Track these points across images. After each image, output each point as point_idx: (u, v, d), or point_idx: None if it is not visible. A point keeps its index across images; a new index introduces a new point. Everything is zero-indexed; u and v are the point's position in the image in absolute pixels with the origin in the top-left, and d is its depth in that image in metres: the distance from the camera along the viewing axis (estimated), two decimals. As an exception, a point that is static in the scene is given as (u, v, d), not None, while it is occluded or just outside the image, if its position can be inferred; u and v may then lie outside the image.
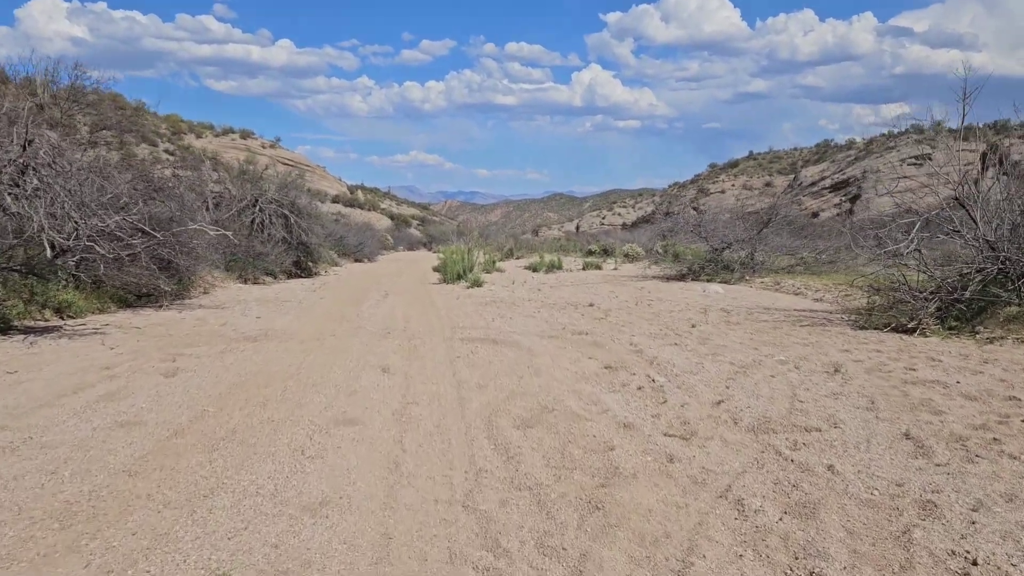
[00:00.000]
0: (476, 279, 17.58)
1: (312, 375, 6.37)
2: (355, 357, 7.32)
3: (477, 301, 13.63)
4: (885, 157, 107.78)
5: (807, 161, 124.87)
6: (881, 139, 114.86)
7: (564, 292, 15.85)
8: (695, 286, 17.52)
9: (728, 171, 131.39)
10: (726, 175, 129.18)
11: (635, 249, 34.73)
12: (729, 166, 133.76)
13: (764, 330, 9.25)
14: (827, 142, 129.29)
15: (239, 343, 8.36)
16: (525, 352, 7.56)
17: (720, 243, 20.64)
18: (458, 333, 9.14)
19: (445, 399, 5.51)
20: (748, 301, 13.47)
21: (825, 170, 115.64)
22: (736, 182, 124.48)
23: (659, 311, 11.63)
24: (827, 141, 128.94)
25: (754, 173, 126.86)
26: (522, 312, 11.59)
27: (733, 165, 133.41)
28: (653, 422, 4.72)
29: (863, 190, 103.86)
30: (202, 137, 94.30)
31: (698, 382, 5.94)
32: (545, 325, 9.86)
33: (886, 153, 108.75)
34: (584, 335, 8.75)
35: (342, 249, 36.03)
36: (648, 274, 22.31)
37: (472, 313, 11.50)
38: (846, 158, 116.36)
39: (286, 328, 9.77)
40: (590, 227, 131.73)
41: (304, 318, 11.01)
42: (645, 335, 8.75)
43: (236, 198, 22.37)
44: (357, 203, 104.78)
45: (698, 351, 7.52)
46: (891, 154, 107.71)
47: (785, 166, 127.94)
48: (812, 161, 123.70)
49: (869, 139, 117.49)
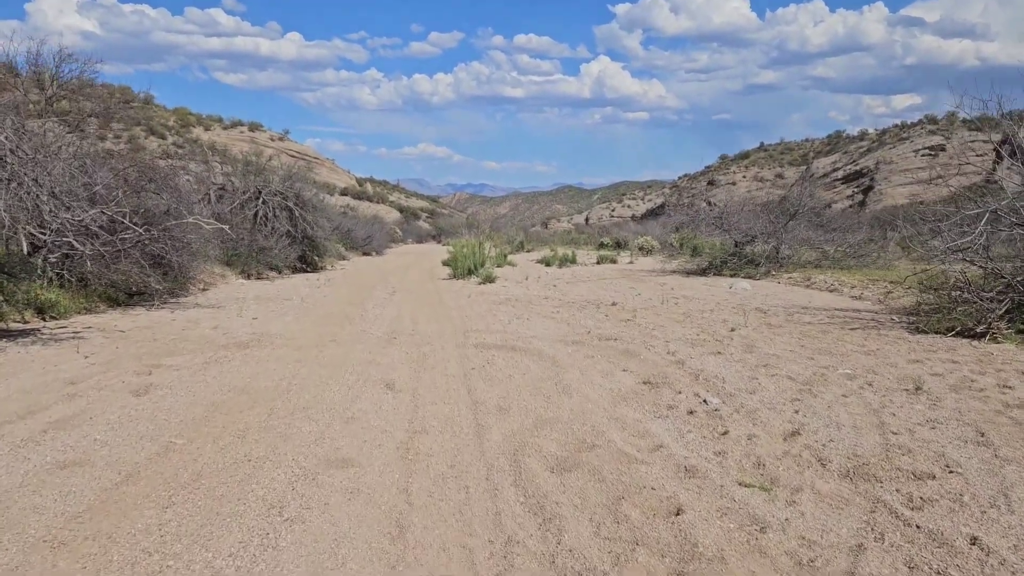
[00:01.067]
0: (488, 275, 16.67)
1: (304, 394, 5.47)
2: (356, 369, 6.42)
3: (490, 299, 12.72)
4: (899, 148, 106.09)
5: (819, 152, 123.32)
6: (894, 130, 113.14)
7: (582, 289, 14.91)
8: (720, 282, 16.54)
9: (739, 162, 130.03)
10: (737, 166, 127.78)
11: (650, 242, 33.74)
12: (740, 157, 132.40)
13: (812, 334, 8.30)
14: (839, 133, 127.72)
15: (228, 351, 7.49)
16: (549, 362, 6.64)
17: (743, 236, 19.64)
18: (471, 338, 8.23)
19: (460, 426, 4.60)
20: (782, 299, 12.50)
21: (837, 161, 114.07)
22: (747, 173, 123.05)
23: (689, 311, 10.68)
24: (839, 132, 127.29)
25: (765, 164, 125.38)
26: (540, 312, 10.66)
27: (744, 156, 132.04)
28: (720, 464, 3.79)
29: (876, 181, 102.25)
30: (210, 130, 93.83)
31: (758, 404, 5.01)
32: (567, 328, 8.93)
33: (899, 144, 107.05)
34: (613, 341, 7.82)
35: (350, 243, 35.18)
36: (667, 268, 21.33)
37: (486, 314, 10.59)
38: (858, 149, 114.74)
39: (283, 332, 8.89)
40: (599, 219, 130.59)
41: (304, 320, 10.13)
42: (681, 341, 7.81)
43: (239, 190, 21.54)
44: (366, 196, 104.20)
45: (746, 362, 6.58)
46: (904, 145, 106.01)
47: (797, 157, 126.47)
48: (824, 152, 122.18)
49: (882, 130, 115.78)
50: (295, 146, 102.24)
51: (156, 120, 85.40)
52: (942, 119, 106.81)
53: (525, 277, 18.14)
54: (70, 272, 10.81)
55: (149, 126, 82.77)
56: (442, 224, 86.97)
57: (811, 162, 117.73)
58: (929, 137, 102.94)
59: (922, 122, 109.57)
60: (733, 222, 20.15)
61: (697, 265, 20.75)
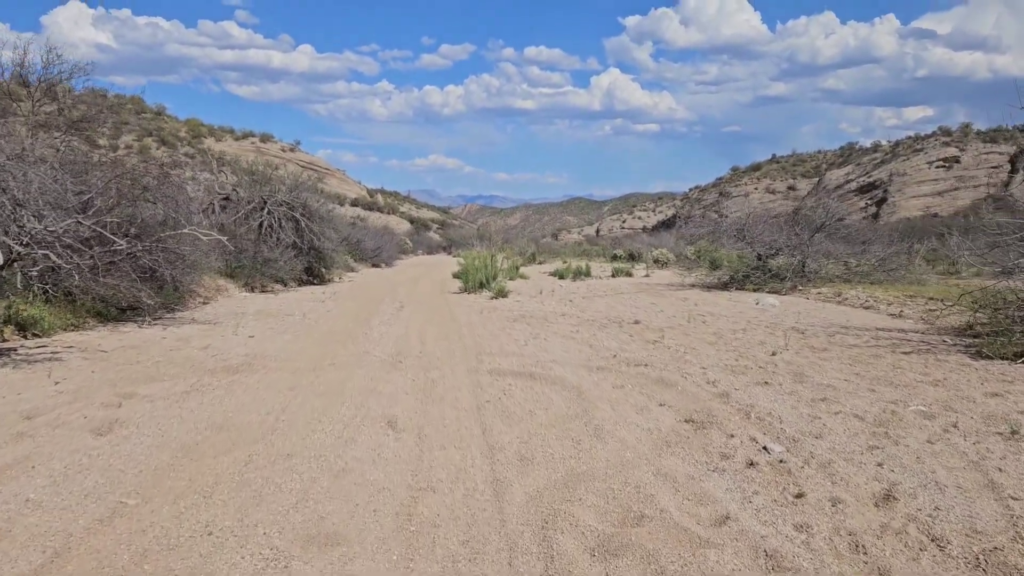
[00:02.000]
0: (501, 289, 15.88)
1: (292, 434, 4.68)
2: (354, 400, 5.63)
3: (504, 316, 11.92)
4: (912, 160, 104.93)
5: (831, 164, 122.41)
6: (908, 141, 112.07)
7: (600, 304, 14.09)
8: (744, 297, 15.69)
9: (751, 174, 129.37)
10: (748, 178, 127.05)
11: (666, 254, 32.92)
12: (752, 169, 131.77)
13: (863, 359, 7.45)
14: (851, 145, 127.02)
15: (215, 376, 6.72)
16: (573, 394, 5.84)
17: (767, 249, 18.78)
18: (485, 362, 7.43)
19: (474, 481, 3.81)
20: (816, 317, 11.63)
21: (850, 173, 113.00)
22: (759, 185, 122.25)
23: (719, 331, 9.85)
24: (851, 144, 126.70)
25: (777, 176, 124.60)
26: (558, 331, 9.86)
27: (756, 168, 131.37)
28: (807, 545, 2.97)
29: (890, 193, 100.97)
30: (222, 141, 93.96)
31: (830, 452, 4.18)
32: (589, 350, 8.12)
33: (913, 156, 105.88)
34: (643, 367, 7.00)
35: (359, 254, 34.50)
36: (686, 282, 20.48)
37: (499, 332, 9.80)
38: (872, 161, 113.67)
39: (279, 352, 8.12)
40: (610, 231, 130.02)
41: (303, 338, 9.37)
42: (719, 367, 6.98)
43: (244, 200, 20.91)
44: (376, 207, 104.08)
45: (800, 395, 5.74)
46: (918, 157, 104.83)
47: (809, 169, 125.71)
48: (836, 164, 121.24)
49: (895, 142, 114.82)
50: (306, 157, 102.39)
51: (168, 131, 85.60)
52: (956, 131, 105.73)
53: (539, 291, 17.34)
54: (55, 286, 10.13)
55: (161, 136, 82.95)
56: (453, 235, 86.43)
57: (824, 174, 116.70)
58: (943, 149, 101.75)
59: (936, 134, 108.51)
60: (755, 234, 19.29)
61: (717, 279, 19.90)
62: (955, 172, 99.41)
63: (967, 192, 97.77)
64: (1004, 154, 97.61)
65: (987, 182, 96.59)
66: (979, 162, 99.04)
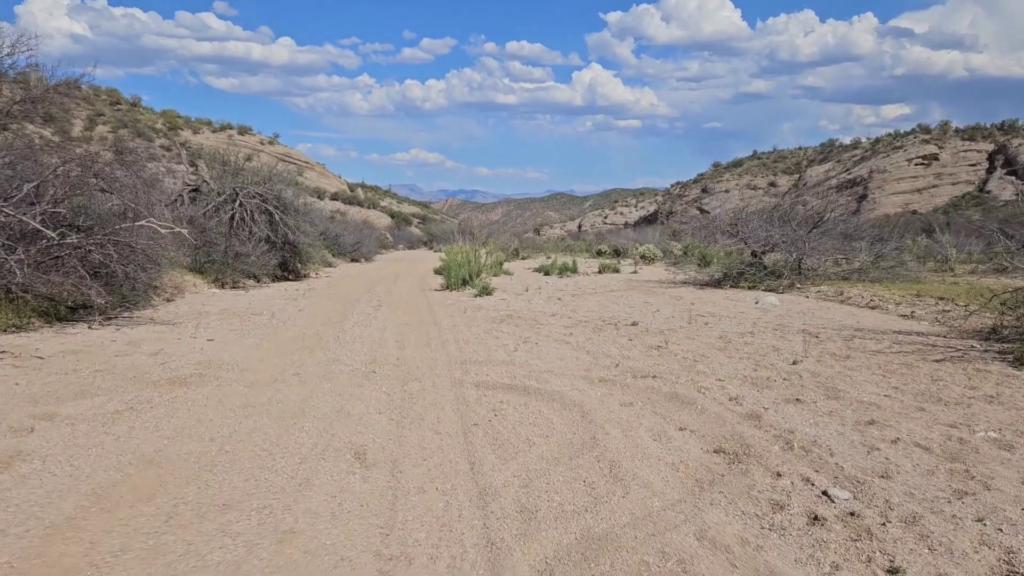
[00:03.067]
0: (485, 286, 14.98)
1: (234, 474, 3.77)
2: (316, 425, 4.72)
3: (489, 316, 11.03)
4: (892, 157, 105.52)
5: (812, 161, 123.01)
6: (887, 139, 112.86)
7: (591, 303, 13.24)
8: (740, 295, 14.92)
9: (732, 170, 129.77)
10: (730, 174, 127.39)
11: (652, 250, 32.18)
12: (733, 165, 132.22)
13: (894, 369, 6.65)
14: (832, 142, 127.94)
15: (158, 390, 5.78)
16: (577, 413, 4.97)
17: (761, 246, 18.05)
18: (471, 372, 6.54)
19: (462, 547, 2.92)
20: (823, 318, 10.87)
21: (831, 170, 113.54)
22: (740, 181, 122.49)
23: (725, 334, 9.03)
24: (832, 141, 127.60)
25: (758, 173, 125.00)
26: (550, 334, 8.98)
27: (737, 164, 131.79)
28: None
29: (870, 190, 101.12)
30: (199, 133, 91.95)
31: (911, 501, 3.35)
32: (588, 358, 7.25)
33: (893, 153, 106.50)
34: (651, 379, 6.15)
35: (337, 249, 33.40)
36: (677, 279, 19.68)
37: (486, 335, 8.91)
38: (852, 158, 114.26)
39: (238, 360, 7.18)
40: (592, 226, 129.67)
41: (268, 343, 8.42)
42: (737, 379, 6.15)
43: (215, 191, 19.81)
44: (357, 201, 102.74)
45: (841, 416, 4.91)
46: (898, 154, 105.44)
47: (790, 166, 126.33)
48: (817, 161, 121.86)
49: (875, 139, 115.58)
50: (286, 149, 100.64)
51: (144, 123, 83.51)
52: (935, 128, 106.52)
53: (525, 288, 16.46)
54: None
55: (136, 128, 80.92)
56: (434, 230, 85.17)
57: (804, 171, 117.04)
58: (922, 146, 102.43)
59: (915, 131, 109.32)
60: (750, 230, 18.55)
61: (709, 276, 19.13)
62: (934, 169, 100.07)
63: (946, 189, 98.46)
64: (982, 151, 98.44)
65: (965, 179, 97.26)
66: (957, 159, 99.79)
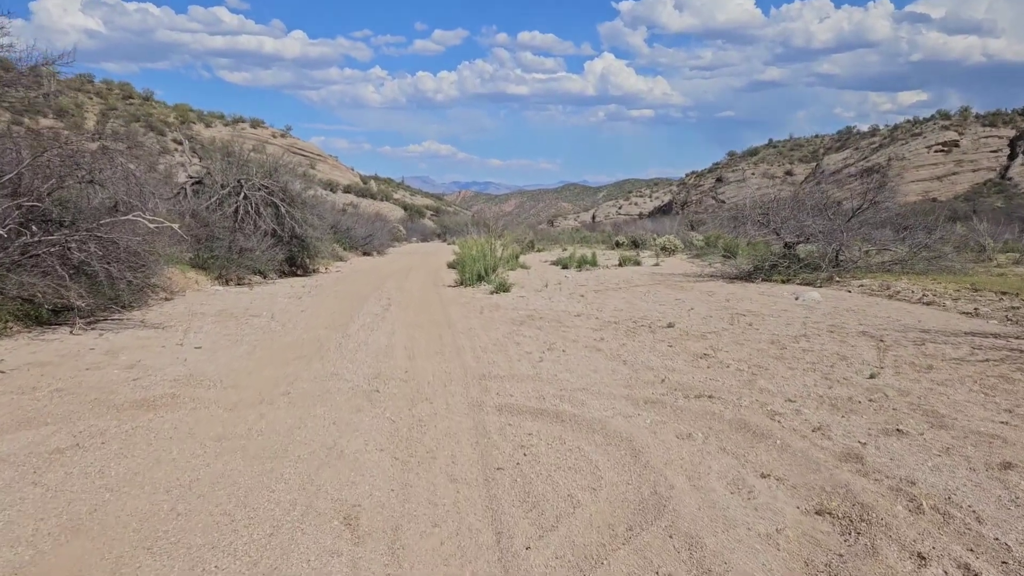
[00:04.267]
0: (502, 282, 13.98)
1: (180, 550, 2.81)
2: (300, 470, 3.75)
3: (508, 316, 10.05)
4: (911, 144, 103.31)
5: (829, 149, 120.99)
6: (906, 125, 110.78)
7: (617, 300, 12.22)
8: (776, 290, 13.83)
9: (747, 159, 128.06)
10: (746, 163, 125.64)
11: (673, 241, 31.09)
12: (748, 154, 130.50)
13: (993, 383, 5.58)
14: (849, 129, 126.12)
15: (119, 416, 4.84)
16: (625, 452, 3.98)
17: (795, 236, 16.91)
18: (492, 390, 5.55)
19: None
20: (877, 316, 9.78)
21: (848, 158, 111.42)
22: (756, 170, 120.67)
23: (777, 338, 7.98)
24: (849, 128, 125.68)
25: (774, 161, 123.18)
26: (578, 339, 7.98)
27: (753, 153, 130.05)
28: None
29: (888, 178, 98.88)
30: (211, 126, 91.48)
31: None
32: (625, 370, 6.25)
33: (912, 140, 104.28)
34: (707, 399, 5.13)
35: (349, 242, 32.48)
36: (704, 272, 18.58)
37: (506, 341, 7.92)
38: (870, 145, 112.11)
39: (223, 374, 6.24)
40: (606, 217, 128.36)
41: (262, 351, 7.48)
42: (812, 399, 5.11)
43: (218, 184, 18.94)
44: (370, 193, 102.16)
45: (967, 456, 3.87)
46: (917, 141, 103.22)
47: (806, 154, 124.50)
48: (834, 149, 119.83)
49: (894, 126, 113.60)
50: (298, 142, 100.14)
51: (156, 116, 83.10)
52: (955, 114, 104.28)
53: (544, 284, 15.45)
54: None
55: (149, 122, 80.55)
56: (447, 222, 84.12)
57: (821, 159, 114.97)
58: (942, 133, 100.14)
59: (935, 118, 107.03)
60: (782, 219, 17.40)
61: (738, 269, 18.03)
62: (954, 156, 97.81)
63: (966, 176, 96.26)
64: (1003, 137, 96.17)
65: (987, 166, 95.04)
66: (978, 146, 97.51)
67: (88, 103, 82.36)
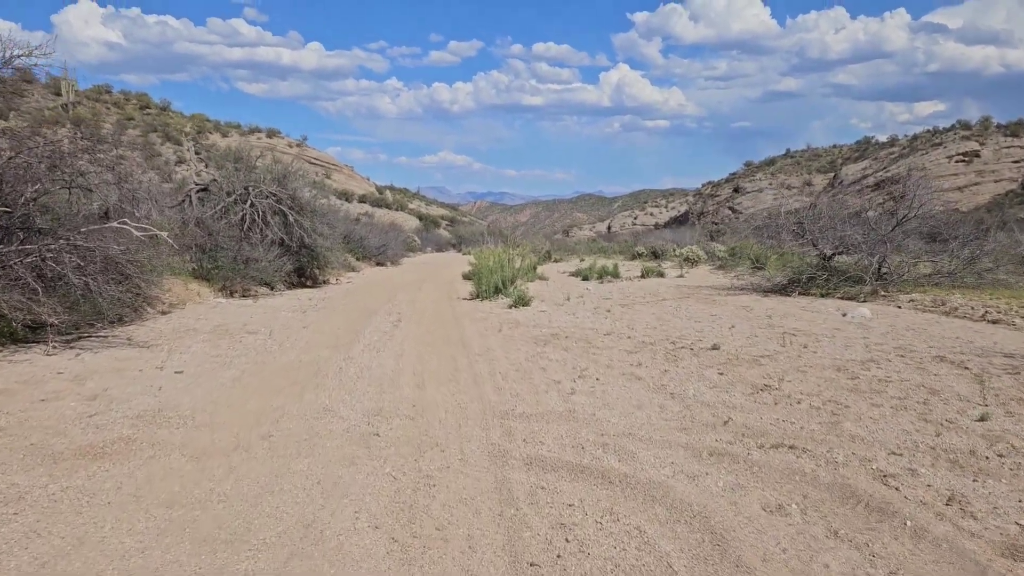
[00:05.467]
0: (521, 296, 12.96)
1: None
2: (262, 567, 2.76)
3: (530, 335, 9.03)
4: (931, 154, 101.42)
5: (847, 159, 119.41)
6: (926, 136, 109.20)
7: (647, 316, 11.17)
8: (818, 305, 12.72)
9: (764, 169, 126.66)
10: (762, 173, 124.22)
11: (696, 252, 29.92)
12: (766, 164, 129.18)
13: None
14: (868, 139, 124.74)
15: (53, 471, 3.88)
16: (703, 537, 2.94)
17: (835, 247, 15.77)
18: (517, 435, 4.53)
19: None
20: (944, 337, 8.67)
21: (867, 168, 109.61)
22: (774, 181, 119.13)
23: (842, 364, 6.90)
24: (868, 138, 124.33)
25: (792, 172, 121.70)
26: (612, 363, 6.94)
27: (770, 163, 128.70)
28: None
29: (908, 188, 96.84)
30: (228, 136, 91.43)
31: None
32: (675, 405, 5.20)
33: (932, 150, 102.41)
34: (788, 450, 4.08)
35: (361, 252, 31.61)
36: (734, 285, 17.47)
37: (529, 365, 6.90)
38: (889, 155, 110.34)
39: (197, 408, 5.27)
40: (622, 227, 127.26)
41: (250, 377, 6.51)
42: (922, 452, 4.05)
43: (224, 191, 18.10)
44: (385, 203, 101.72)
45: None
46: (937, 151, 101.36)
47: (824, 164, 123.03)
48: (853, 159, 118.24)
49: (913, 136, 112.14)
50: (314, 152, 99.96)
51: (173, 126, 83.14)
52: (975, 124, 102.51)
53: (566, 297, 14.42)
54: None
55: (165, 132, 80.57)
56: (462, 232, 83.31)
57: (840, 169, 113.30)
58: (963, 143, 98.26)
59: (955, 127, 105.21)
60: (819, 228, 16.27)
61: (770, 281, 16.92)
62: (975, 167, 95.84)
63: (988, 187, 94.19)
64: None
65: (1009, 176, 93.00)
66: (1000, 156, 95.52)
67: (105, 113, 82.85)
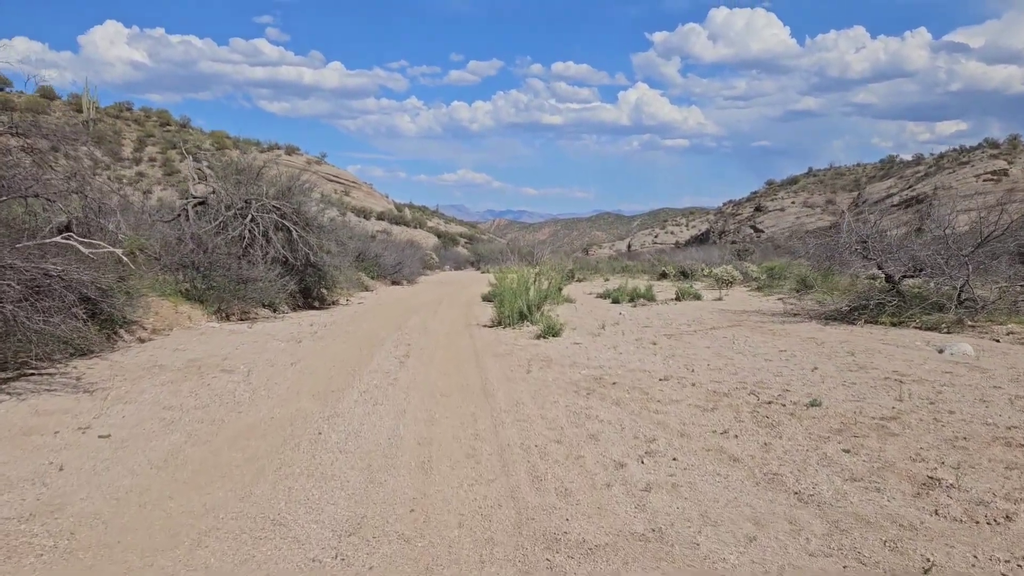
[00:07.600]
0: (551, 325, 11.15)
1: None
2: None
3: (567, 378, 7.24)
4: (958, 172, 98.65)
5: (871, 178, 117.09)
6: (952, 154, 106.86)
7: (701, 350, 9.33)
8: (896, 337, 10.78)
9: (787, 188, 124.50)
10: (784, 192, 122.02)
11: (731, 272, 27.94)
12: (788, 183, 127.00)
13: None
14: (892, 158, 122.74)
15: None
16: None
17: (906, 269, 13.83)
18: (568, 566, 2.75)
19: None
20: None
21: (892, 187, 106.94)
22: (796, 199, 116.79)
23: (1012, 438, 5.04)
24: (892, 157, 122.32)
25: (815, 190, 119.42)
26: (685, 429, 5.12)
27: (792, 182, 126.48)
28: None
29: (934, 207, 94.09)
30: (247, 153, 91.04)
31: None
32: (816, 523, 3.38)
33: (959, 168, 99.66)
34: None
35: (376, 270, 29.99)
36: (786, 311, 15.54)
37: (574, 434, 5.10)
38: (915, 174, 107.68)
39: (85, 514, 3.53)
40: (642, 246, 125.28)
41: (194, 448, 4.77)
42: None
43: (223, 204, 16.52)
44: (404, 220, 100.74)
45: None
46: (964, 169, 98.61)
47: (848, 183, 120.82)
48: (877, 178, 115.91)
49: (939, 154, 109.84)
50: (333, 170, 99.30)
51: (193, 142, 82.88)
52: (1003, 143, 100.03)
53: (600, 325, 12.57)
54: None
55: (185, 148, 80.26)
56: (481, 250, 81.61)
57: (864, 187, 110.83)
58: (991, 161, 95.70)
59: (982, 146, 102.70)
60: (885, 246, 14.36)
61: (821, 304, 15.03)
62: (1004, 185, 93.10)
63: (1018, 206, 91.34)
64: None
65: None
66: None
67: (126, 130, 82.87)
